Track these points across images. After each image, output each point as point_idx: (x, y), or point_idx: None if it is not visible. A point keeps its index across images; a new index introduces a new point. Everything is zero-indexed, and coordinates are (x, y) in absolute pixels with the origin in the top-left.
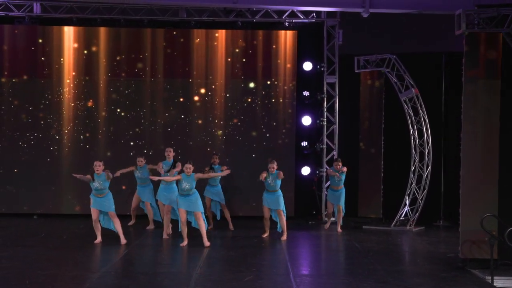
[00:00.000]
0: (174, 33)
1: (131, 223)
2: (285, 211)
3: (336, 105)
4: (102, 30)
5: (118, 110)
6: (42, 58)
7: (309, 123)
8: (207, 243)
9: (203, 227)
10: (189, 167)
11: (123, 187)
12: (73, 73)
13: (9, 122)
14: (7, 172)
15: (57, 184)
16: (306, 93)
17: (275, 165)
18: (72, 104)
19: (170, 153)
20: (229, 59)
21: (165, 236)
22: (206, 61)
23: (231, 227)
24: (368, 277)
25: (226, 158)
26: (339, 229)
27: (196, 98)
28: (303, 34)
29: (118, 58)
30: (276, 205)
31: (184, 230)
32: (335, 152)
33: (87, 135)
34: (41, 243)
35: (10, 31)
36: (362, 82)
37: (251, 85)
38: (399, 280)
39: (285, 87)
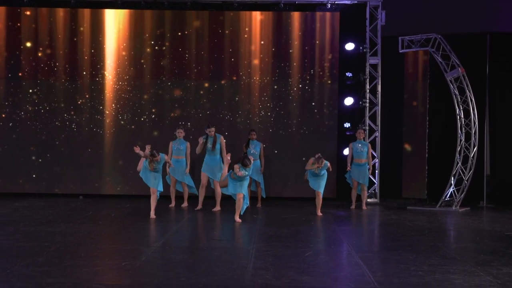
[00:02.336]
0: (217, 15)
1: (172, 205)
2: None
3: (379, 86)
4: (146, 12)
5: (160, 92)
6: (86, 40)
7: (351, 105)
8: (238, 219)
9: (239, 207)
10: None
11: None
12: (117, 55)
13: (62, 104)
14: (53, 153)
15: (102, 165)
16: (349, 74)
17: (322, 164)
18: (116, 86)
19: (212, 132)
20: (270, 41)
21: (199, 207)
22: (247, 43)
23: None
24: (432, 253)
25: (264, 139)
26: (364, 207)
27: (238, 80)
28: (346, 15)
29: (159, 33)
30: (317, 186)
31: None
32: (377, 134)
33: (130, 116)
34: (91, 220)
35: (53, 13)
36: (406, 63)
37: (294, 66)
38: (466, 256)
39: (327, 69)
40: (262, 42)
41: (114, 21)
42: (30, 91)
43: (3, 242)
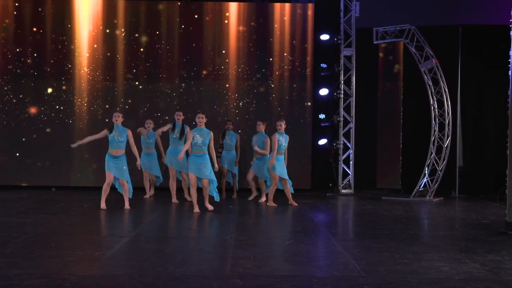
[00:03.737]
0: (189, 7)
1: (146, 196)
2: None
3: (353, 78)
4: (120, 3)
5: (137, 83)
6: (64, 32)
7: (326, 96)
8: (209, 206)
9: (206, 191)
10: (201, 117)
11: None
12: (94, 47)
13: (31, 95)
14: (27, 144)
15: (74, 157)
16: (324, 65)
17: (283, 124)
18: (90, 78)
19: (180, 117)
20: (244, 33)
21: (174, 200)
22: (220, 35)
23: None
24: (414, 241)
25: (239, 130)
26: (261, 200)
27: (210, 72)
28: (320, 7)
29: (136, 35)
30: (285, 173)
31: (194, 196)
32: (352, 125)
33: (102, 107)
34: (63, 211)
35: (33, 6)
36: (380, 54)
37: (267, 58)
38: (449, 244)
39: (301, 60)
40: (234, 34)
41: (86, 9)
42: (9, 86)
43: None
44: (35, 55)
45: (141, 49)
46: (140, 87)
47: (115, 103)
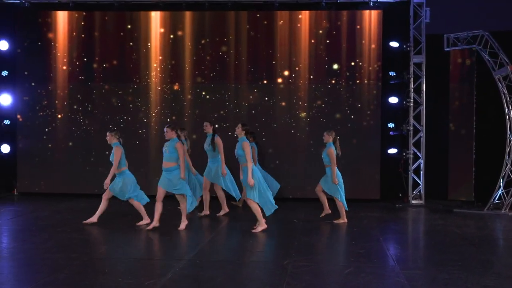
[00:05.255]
0: (258, 15)
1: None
2: None
3: (423, 86)
4: (187, 14)
5: (203, 93)
6: (130, 43)
7: (395, 105)
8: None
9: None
10: (165, 131)
11: None
12: (160, 58)
13: (100, 106)
14: (98, 155)
15: (145, 166)
16: (392, 73)
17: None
18: (159, 88)
19: (206, 127)
20: (312, 41)
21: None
22: (289, 43)
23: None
24: (485, 271)
25: (310, 140)
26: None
27: (279, 80)
28: (389, 13)
29: (203, 42)
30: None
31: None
32: (422, 134)
33: (173, 118)
34: (128, 225)
35: (100, 18)
36: (451, 61)
37: (335, 66)
38: None
39: (370, 68)
40: (302, 42)
41: (153, 17)
42: (79, 96)
43: (32, 252)
44: (104, 65)
45: (208, 57)
46: (208, 96)
47: (182, 113)
